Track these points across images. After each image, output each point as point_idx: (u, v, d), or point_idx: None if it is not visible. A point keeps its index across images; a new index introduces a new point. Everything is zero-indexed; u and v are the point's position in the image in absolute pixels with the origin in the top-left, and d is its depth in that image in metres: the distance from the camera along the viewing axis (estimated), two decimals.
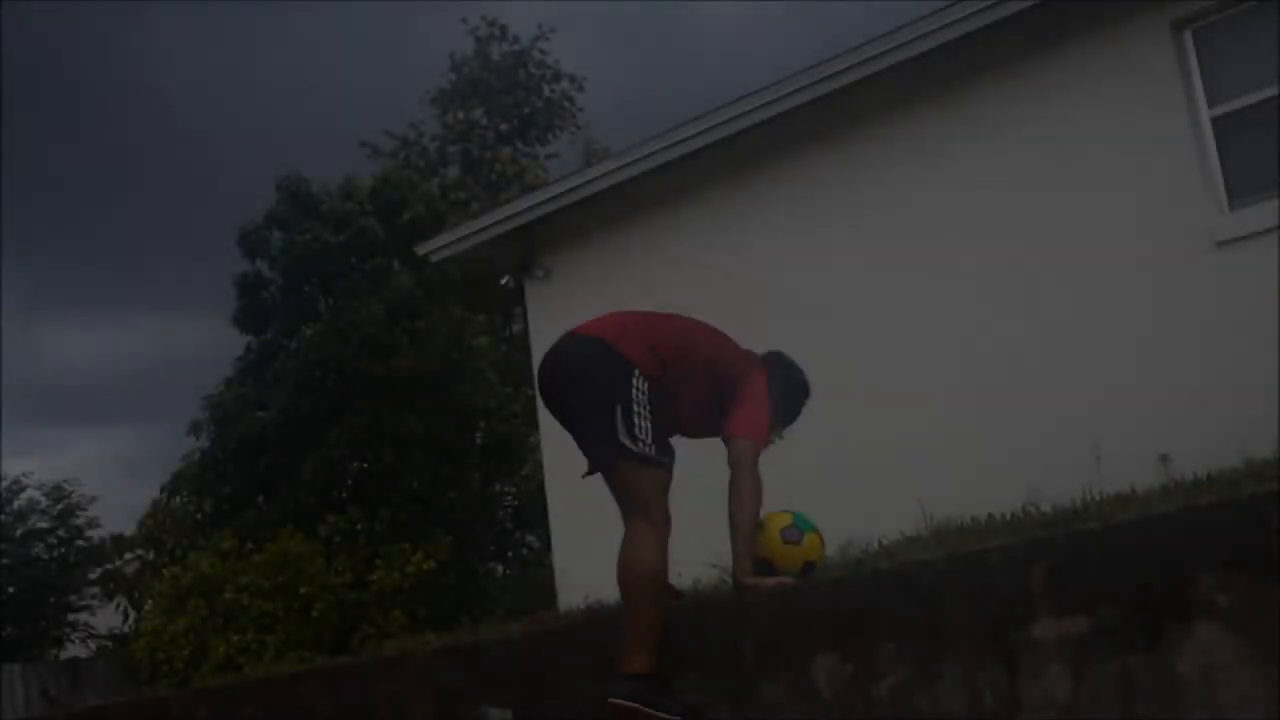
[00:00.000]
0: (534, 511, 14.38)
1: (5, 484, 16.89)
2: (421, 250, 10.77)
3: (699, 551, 5.42)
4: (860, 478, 7.50)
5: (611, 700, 3.41)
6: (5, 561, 16.41)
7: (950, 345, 7.54)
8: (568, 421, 3.83)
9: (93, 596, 16.69)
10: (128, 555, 15.67)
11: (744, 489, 3.65)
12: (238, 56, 38.76)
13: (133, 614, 14.69)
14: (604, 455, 3.64)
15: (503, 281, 11.04)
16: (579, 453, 3.77)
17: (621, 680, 3.45)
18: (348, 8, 36.37)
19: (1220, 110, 6.83)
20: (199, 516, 13.53)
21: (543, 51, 24.63)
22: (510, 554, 16.15)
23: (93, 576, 16.68)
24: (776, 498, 4.28)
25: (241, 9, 39.22)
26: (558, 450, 9.54)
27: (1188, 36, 6.95)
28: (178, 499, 14.03)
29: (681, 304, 5.64)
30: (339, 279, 13.92)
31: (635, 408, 3.61)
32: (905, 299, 7.78)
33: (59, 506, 16.95)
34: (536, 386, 4.10)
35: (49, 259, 43.72)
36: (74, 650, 16.75)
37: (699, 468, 4.11)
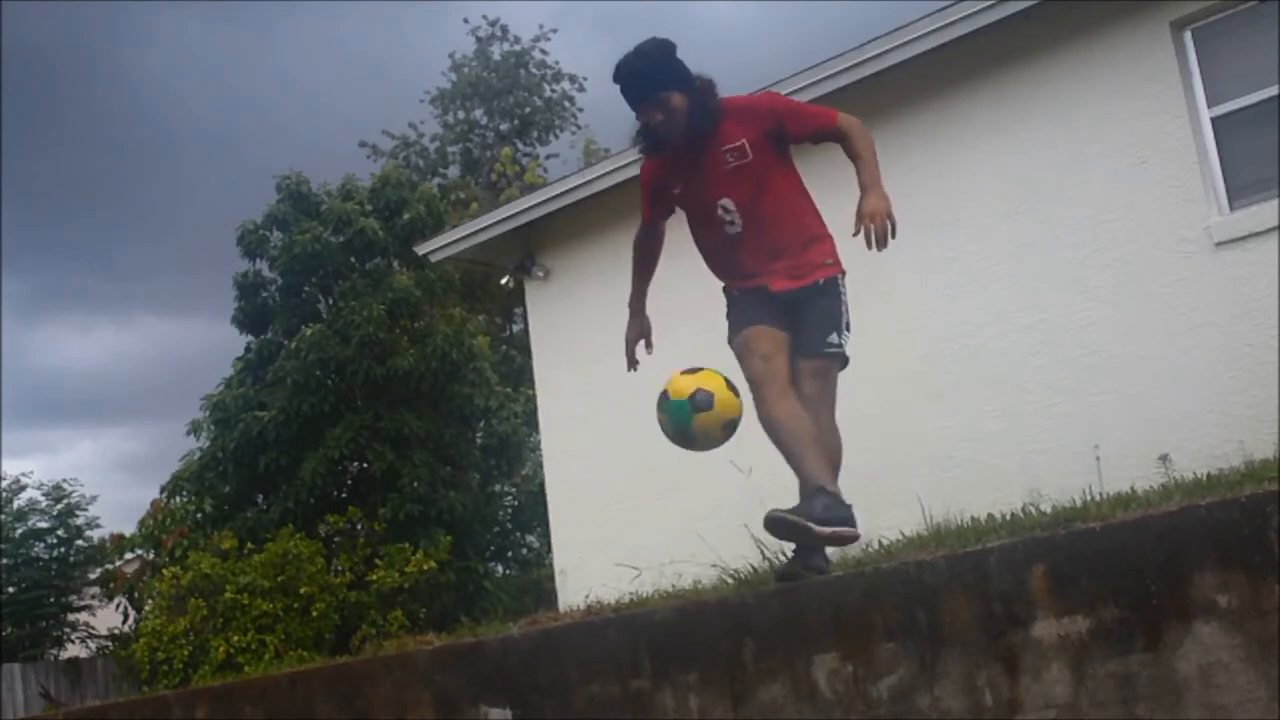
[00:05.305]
0: (534, 511, 14.38)
1: (5, 484, 16.90)
2: (421, 250, 10.78)
3: (700, 551, 5.43)
4: (860, 477, 7.49)
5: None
6: (5, 561, 16.41)
7: (950, 345, 7.53)
8: None
9: (93, 596, 16.68)
10: (128, 555, 15.64)
11: None
12: (239, 59, 38.77)
13: (133, 614, 14.67)
14: None
15: (503, 281, 11.05)
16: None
17: None
18: (348, 9, 36.39)
19: (1220, 110, 6.83)
20: (199, 516, 13.52)
21: (543, 51, 24.67)
22: (510, 554, 16.15)
23: (93, 576, 16.67)
24: (779, 496, 4.28)
25: (243, 12, 39.25)
26: (558, 450, 9.54)
27: (1188, 36, 6.95)
28: (178, 499, 14.03)
29: (681, 303, 5.68)
30: (339, 279, 13.92)
31: None
32: (905, 298, 7.78)
33: (59, 506, 16.95)
34: None
35: (50, 260, 43.76)
36: (74, 650, 16.73)
37: (698, 473, 4.12)
